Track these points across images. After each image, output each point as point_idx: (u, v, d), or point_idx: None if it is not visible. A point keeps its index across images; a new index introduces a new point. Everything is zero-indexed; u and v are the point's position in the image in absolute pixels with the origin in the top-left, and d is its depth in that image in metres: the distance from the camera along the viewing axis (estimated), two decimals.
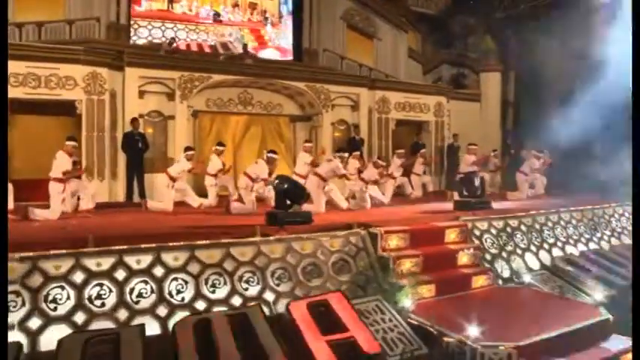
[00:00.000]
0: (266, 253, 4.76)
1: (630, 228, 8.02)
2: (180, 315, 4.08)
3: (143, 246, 4.29)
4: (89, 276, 4.01)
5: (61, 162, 6.06)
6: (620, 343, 4.33)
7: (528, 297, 5.35)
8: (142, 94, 9.00)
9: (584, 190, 10.83)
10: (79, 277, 3.99)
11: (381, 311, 4.58)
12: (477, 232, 6.33)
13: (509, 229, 6.68)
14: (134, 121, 8.74)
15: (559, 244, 7.08)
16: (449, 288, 5.28)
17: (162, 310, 4.09)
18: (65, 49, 8.39)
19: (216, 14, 11.99)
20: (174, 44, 11.16)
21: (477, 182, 6.78)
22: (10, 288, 3.75)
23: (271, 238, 4.88)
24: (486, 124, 14.09)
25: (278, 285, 4.64)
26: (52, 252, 3.99)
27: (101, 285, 4.02)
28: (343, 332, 3.97)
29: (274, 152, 7.61)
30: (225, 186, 8.59)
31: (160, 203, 7.27)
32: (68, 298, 3.88)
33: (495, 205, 7.47)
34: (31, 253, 3.92)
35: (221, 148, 8.51)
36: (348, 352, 3.80)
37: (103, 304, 3.95)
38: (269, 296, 4.53)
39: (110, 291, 4.02)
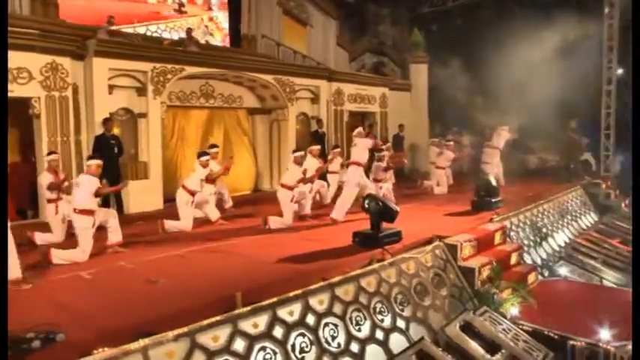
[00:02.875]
0: (386, 280, 4.58)
1: (583, 210, 9.57)
2: None
3: (292, 294, 3.76)
4: (251, 341, 3.40)
5: (89, 187, 4.76)
6: None
7: (587, 290, 5.98)
8: (110, 89, 7.44)
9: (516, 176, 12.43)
10: (239, 345, 3.35)
11: (498, 322, 4.76)
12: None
13: (521, 224, 7.43)
14: (107, 121, 7.22)
15: (549, 233, 8.10)
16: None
17: None
18: (13, 32, 6.40)
19: (181, 4, 10.45)
20: (113, 23, 9.46)
21: (494, 182, 7.30)
22: None
23: (386, 262, 4.69)
24: (416, 113, 15.02)
25: (402, 310, 4.53)
26: (206, 322, 3.25)
27: (264, 349, 3.44)
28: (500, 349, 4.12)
29: (298, 150, 7.11)
30: (221, 192, 7.77)
31: (178, 222, 6.27)
32: None
33: None
34: (185, 329, 3.14)
35: (215, 150, 7.65)
36: None
37: None
38: (401, 324, 4.41)
39: (275, 353, 3.48)
